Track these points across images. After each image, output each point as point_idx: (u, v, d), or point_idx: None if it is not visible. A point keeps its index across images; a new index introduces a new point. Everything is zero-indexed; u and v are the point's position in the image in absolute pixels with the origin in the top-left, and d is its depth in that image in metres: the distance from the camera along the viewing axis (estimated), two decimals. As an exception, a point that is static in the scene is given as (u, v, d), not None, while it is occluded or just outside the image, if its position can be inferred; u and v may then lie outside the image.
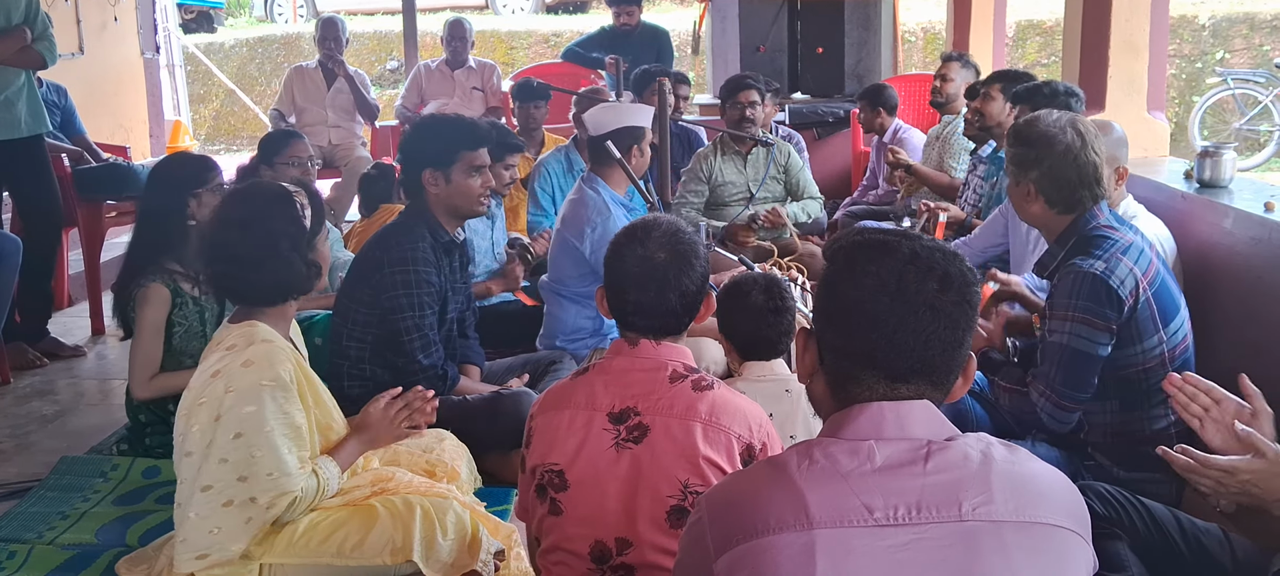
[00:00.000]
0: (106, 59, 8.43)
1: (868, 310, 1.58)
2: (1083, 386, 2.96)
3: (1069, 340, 2.92)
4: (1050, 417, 3.01)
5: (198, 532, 2.61)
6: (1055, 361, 2.96)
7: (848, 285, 1.62)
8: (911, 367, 1.59)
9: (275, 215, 2.74)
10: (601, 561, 2.26)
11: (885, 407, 1.58)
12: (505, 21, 16.28)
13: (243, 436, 2.57)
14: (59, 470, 3.88)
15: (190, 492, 2.62)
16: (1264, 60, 12.61)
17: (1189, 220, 3.90)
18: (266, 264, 2.70)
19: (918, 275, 1.57)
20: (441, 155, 3.67)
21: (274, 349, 2.65)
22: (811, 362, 1.69)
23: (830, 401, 1.66)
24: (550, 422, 2.34)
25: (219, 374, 2.60)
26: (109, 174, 6.12)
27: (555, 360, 4.28)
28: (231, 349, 2.63)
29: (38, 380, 5.12)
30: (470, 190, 3.70)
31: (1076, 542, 1.56)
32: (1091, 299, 2.88)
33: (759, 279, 3.27)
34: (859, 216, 6.49)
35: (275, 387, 2.60)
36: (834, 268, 1.66)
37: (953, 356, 1.61)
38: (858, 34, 8.67)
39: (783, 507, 1.51)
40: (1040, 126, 3.03)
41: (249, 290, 2.74)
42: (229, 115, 15.04)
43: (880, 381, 1.59)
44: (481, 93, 8.08)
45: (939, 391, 1.62)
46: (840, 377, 1.63)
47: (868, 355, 1.59)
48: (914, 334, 1.57)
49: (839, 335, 1.63)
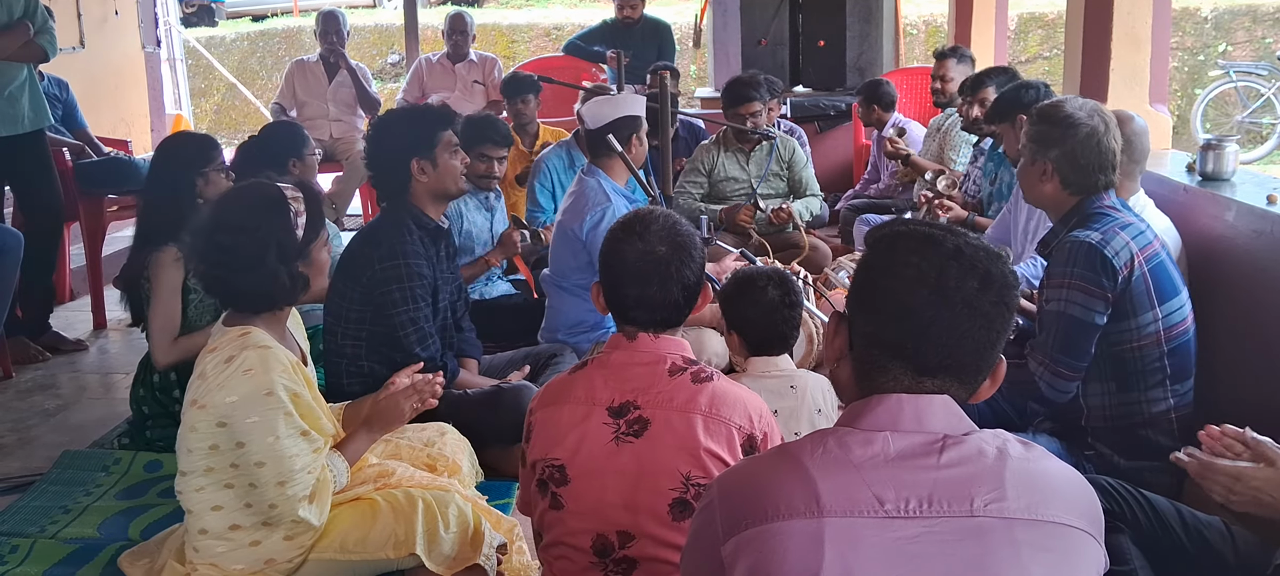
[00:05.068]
0: (108, 53, 8.42)
1: (904, 301, 1.57)
2: (1080, 355, 2.99)
3: (1065, 308, 2.96)
4: (1048, 387, 3.03)
5: (212, 541, 2.63)
6: (1052, 330, 3.00)
7: (887, 274, 1.60)
8: (941, 363, 1.58)
9: (266, 224, 2.65)
10: (604, 555, 2.26)
11: (904, 400, 1.57)
12: (507, 15, 16.26)
13: (246, 446, 2.55)
14: (61, 464, 3.89)
15: (200, 505, 2.62)
16: (1266, 53, 12.61)
17: (1191, 213, 3.89)
18: (251, 273, 2.63)
19: (959, 272, 1.56)
20: (423, 142, 3.69)
21: (271, 355, 2.60)
22: (841, 347, 1.68)
23: (854, 388, 1.65)
24: (550, 417, 2.34)
25: (220, 386, 2.56)
26: (111, 168, 6.12)
27: (556, 353, 4.29)
28: (229, 360, 2.57)
29: (40, 374, 5.13)
30: (454, 170, 3.75)
31: (1088, 542, 1.55)
32: (1087, 266, 2.92)
33: (771, 274, 3.23)
34: (861, 210, 6.49)
35: (275, 396, 2.56)
36: (874, 254, 1.64)
37: (984, 357, 1.60)
38: (859, 27, 8.65)
39: (794, 494, 1.50)
40: (1066, 108, 3.08)
41: (234, 296, 2.70)
42: (230, 109, 15.05)
43: (907, 373, 1.58)
44: (483, 86, 8.08)
45: (965, 389, 1.61)
46: (867, 366, 1.62)
47: (898, 346, 1.58)
48: (948, 330, 1.56)
49: (871, 322, 1.62)
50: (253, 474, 2.56)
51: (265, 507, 2.60)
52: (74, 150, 6.24)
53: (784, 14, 8.67)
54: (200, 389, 2.59)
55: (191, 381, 2.66)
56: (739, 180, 5.96)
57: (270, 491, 2.57)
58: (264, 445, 2.54)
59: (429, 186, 3.73)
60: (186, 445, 2.60)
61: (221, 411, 2.54)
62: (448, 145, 3.72)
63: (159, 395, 3.88)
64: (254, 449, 2.54)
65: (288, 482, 2.57)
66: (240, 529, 2.63)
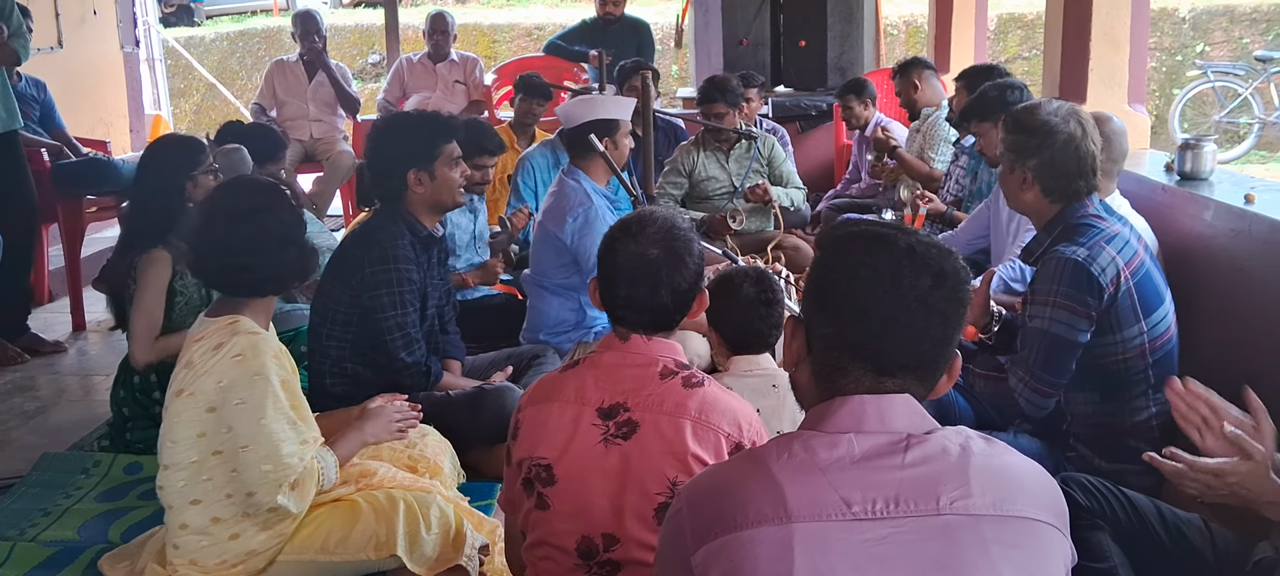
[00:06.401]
0: (86, 53, 8.37)
1: (860, 302, 1.58)
2: (1061, 372, 2.97)
3: (1049, 326, 2.93)
4: (1027, 403, 3.02)
5: (192, 537, 2.62)
6: (1035, 347, 2.98)
7: (841, 275, 1.61)
8: (900, 362, 1.59)
9: (276, 205, 2.77)
10: (588, 557, 2.26)
11: (867, 400, 1.57)
12: (488, 15, 16.23)
13: (233, 430, 2.57)
14: (40, 466, 3.86)
15: (181, 499, 2.62)
16: (1244, 53, 12.69)
17: (1170, 213, 3.91)
18: (276, 254, 2.73)
19: (912, 270, 1.57)
20: (423, 153, 3.66)
21: (261, 341, 2.64)
22: (799, 350, 1.69)
23: (814, 391, 1.65)
24: (538, 415, 2.33)
25: (208, 372, 2.58)
26: (89, 169, 6.09)
27: (538, 354, 4.28)
28: (218, 347, 2.60)
29: (19, 376, 5.10)
30: (453, 183, 3.71)
31: (1054, 536, 1.56)
32: (1073, 285, 2.89)
33: (749, 272, 3.23)
34: (842, 209, 6.51)
35: (264, 376, 2.59)
36: (828, 256, 1.65)
37: (941, 353, 1.61)
38: (840, 27, 8.67)
39: (761, 501, 1.50)
40: (1041, 115, 3.02)
41: (255, 281, 2.73)
42: (210, 109, 14.95)
43: (867, 374, 1.59)
44: (464, 86, 8.07)
45: (924, 386, 1.62)
46: (827, 367, 1.62)
47: (857, 346, 1.59)
48: (905, 328, 1.57)
49: (829, 324, 1.62)
50: (237, 458, 2.57)
51: (244, 495, 2.61)
52: (52, 151, 6.20)
53: (765, 14, 8.68)
54: (187, 378, 2.61)
55: (176, 372, 2.68)
56: (719, 179, 5.97)
57: (253, 475, 2.58)
58: (251, 427, 2.57)
59: (425, 197, 3.70)
60: (172, 436, 2.60)
61: (210, 397, 2.56)
62: (448, 158, 3.69)
63: (139, 396, 3.86)
64: (241, 432, 2.57)
65: (271, 467, 2.58)
66: (220, 521, 2.64)
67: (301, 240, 2.81)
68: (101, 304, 4.29)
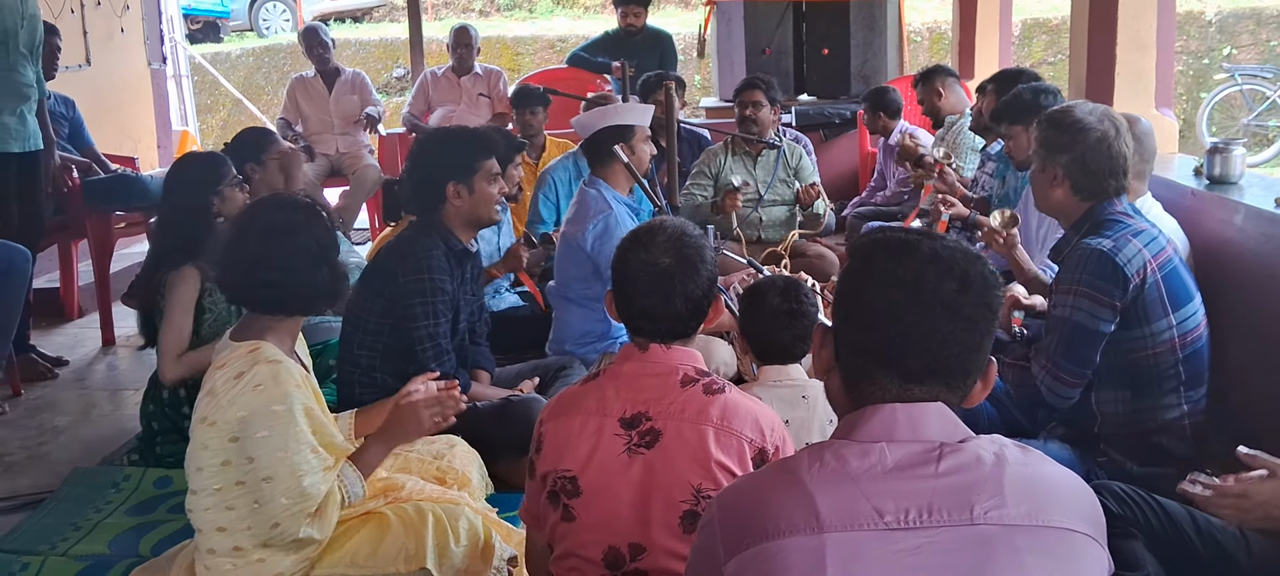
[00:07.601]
0: (113, 70, 8.44)
1: (883, 307, 1.57)
2: (1083, 362, 2.98)
3: (1071, 314, 2.95)
4: (1049, 392, 3.03)
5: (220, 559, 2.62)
6: (1057, 334, 3.00)
7: (865, 281, 1.61)
8: (926, 368, 1.57)
9: (312, 225, 2.74)
10: (615, 567, 2.25)
11: (898, 409, 1.56)
12: (511, 27, 16.29)
13: (255, 461, 2.54)
14: (71, 481, 3.89)
15: (208, 525, 2.61)
16: (1271, 55, 12.60)
17: (1199, 217, 3.88)
18: (312, 272, 2.70)
19: (936, 275, 1.56)
20: (463, 167, 3.68)
21: (282, 370, 2.60)
22: (828, 359, 1.68)
23: (845, 399, 1.65)
24: (561, 428, 2.33)
25: (231, 402, 2.55)
26: (118, 185, 6.12)
27: (565, 365, 4.29)
28: (239, 376, 2.57)
29: (49, 391, 5.14)
30: (491, 198, 3.74)
31: (1090, 546, 1.54)
32: (1096, 274, 2.91)
33: (777, 281, 3.23)
34: (867, 217, 6.49)
35: (287, 409, 2.56)
36: (853, 264, 1.65)
37: (970, 360, 1.59)
38: (863, 35, 8.66)
39: (793, 510, 1.49)
40: (1075, 114, 3.06)
41: (288, 300, 2.70)
42: (236, 124, 15.03)
43: (893, 381, 1.58)
44: (488, 99, 8.09)
45: (954, 394, 1.60)
46: (854, 375, 1.62)
47: (881, 353, 1.58)
48: (929, 334, 1.56)
49: (854, 331, 1.62)
50: (259, 490, 2.55)
51: (267, 528, 2.57)
52: (81, 167, 6.25)
53: (788, 22, 8.68)
54: (210, 406, 2.58)
55: (200, 398, 2.65)
56: (746, 184, 5.96)
57: (275, 508, 2.55)
58: (273, 459, 2.53)
59: (463, 211, 3.72)
60: (197, 463, 2.59)
61: (232, 427, 2.53)
62: (488, 173, 3.71)
63: (168, 411, 3.88)
64: (263, 463, 2.53)
65: (295, 498, 2.56)
66: (242, 551, 2.61)
67: (335, 262, 2.77)
68: (131, 319, 4.30)
